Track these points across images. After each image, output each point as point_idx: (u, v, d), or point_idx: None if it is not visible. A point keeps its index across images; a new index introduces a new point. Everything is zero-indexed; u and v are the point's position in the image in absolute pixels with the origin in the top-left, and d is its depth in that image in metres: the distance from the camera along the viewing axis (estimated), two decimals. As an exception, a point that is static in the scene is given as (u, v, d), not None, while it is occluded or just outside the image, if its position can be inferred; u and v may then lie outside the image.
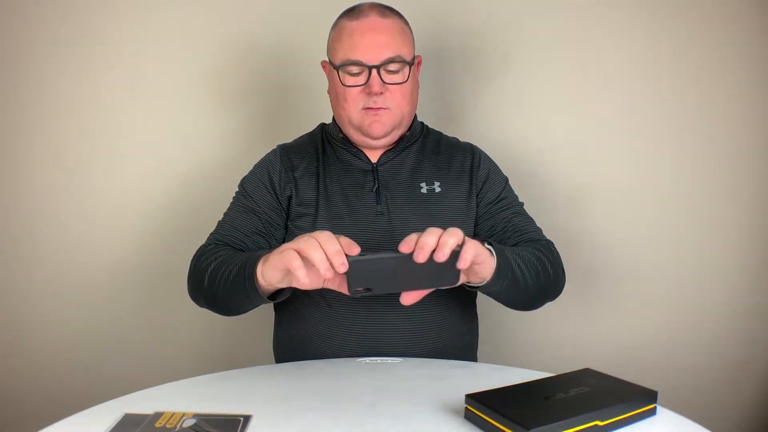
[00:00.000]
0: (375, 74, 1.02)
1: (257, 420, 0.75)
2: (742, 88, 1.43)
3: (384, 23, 1.04)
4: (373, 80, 1.02)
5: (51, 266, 1.57)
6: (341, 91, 1.06)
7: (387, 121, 1.06)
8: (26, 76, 1.52)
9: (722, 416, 1.49)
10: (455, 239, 0.78)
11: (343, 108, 1.07)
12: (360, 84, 1.04)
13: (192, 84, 1.53)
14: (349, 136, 1.11)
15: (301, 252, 0.77)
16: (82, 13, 1.50)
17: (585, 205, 1.50)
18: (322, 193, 1.09)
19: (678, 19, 1.43)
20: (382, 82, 1.03)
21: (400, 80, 1.05)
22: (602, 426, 0.70)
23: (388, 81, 1.04)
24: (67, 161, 1.54)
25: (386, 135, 1.08)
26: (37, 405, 1.58)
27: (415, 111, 1.14)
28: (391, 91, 1.04)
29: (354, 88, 1.04)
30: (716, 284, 1.48)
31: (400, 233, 1.06)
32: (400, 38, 1.05)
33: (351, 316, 1.06)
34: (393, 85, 1.04)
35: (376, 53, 1.02)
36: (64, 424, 0.74)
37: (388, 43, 1.03)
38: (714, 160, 1.46)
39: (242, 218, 1.09)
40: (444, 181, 1.12)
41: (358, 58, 1.02)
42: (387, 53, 1.02)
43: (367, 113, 1.06)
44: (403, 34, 1.06)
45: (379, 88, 1.02)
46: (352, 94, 1.05)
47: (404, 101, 1.07)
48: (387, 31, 1.03)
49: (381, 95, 1.04)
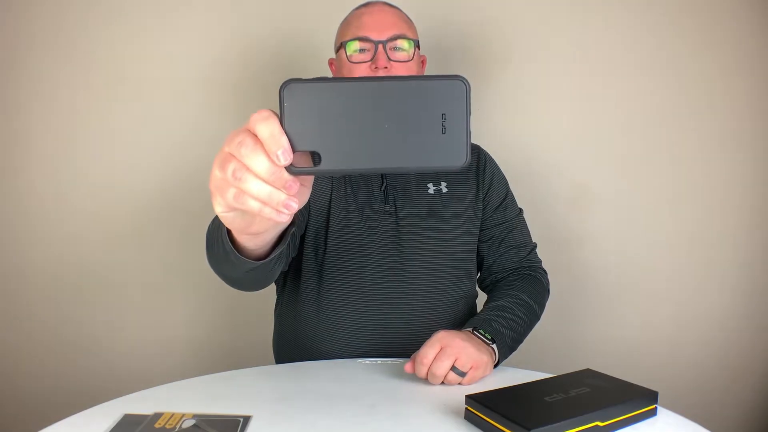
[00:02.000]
0: (381, 49, 1.04)
1: (257, 420, 0.75)
2: (743, 90, 1.43)
3: (392, 9, 1.10)
4: (379, 54, 1.05)
5: (51, 265, 1.57)
6: (347, 69, 1.08)
7: None
8: (25, 75, 1.52)
9: (722, 416, 1.50)
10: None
11: None
12: (367, 60, 1.06)
13: (192, 83, 1.53)
14: None
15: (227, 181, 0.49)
16: (82, 12, 1.50)
17: (585, 205, 1.50)
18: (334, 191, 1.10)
19: (679, 20, 1.43)
20: (387, 58, 1.05)
21: (406, 58, 1.07)
22: (603, 426, 0.70)
23: (394, 58, 1.06)
24: (67, 160, 1.54)
25: None
26: (37, 405, 1.58)
27: None
28: (396, 68, 1.06)
29: (360, 65, 1.06)
30: (716, 284, 1.48)
31: (408, 233, 1.08)
32: (405, 23, 1.09)
33: (351, 317, 1.06)
34: (398, 63, 1.06)
35: (383, 30, 1.05)
36: (63, 424, 0.74)
37: (394, 23, 1.07)
38: (714, 160, 1.46)
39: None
40: (451, 182, 1.13)
41: (366, 34, 1.05)
42: (393, 30, 1.06)
43: None
44: (409, 21, 1.11)
45: (384, 62, 1.04)
46: (358, 71, 1.06)
47: None
48: (394, 15, 1.09)
49: (386, 71, 1.05)
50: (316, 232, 1.08)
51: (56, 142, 1.54)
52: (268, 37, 1.52)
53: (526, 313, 1.06)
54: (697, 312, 1.49)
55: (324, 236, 1.08)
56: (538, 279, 1.15)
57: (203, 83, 1.53)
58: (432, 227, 1.09)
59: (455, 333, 0.91)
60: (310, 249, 1.09)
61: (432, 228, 1.09)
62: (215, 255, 0.79)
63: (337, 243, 1.07)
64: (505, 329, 1.00)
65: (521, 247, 1.16)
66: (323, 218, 1.08)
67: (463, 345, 0.88)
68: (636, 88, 1.46)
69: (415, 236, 1.08)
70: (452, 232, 1.10)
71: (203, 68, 1.53)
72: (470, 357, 0.87)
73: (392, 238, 1.07)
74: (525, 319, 1.05)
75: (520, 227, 1.18)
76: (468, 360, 0.87)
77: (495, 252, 1.16)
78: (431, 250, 1.08)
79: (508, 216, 1.17)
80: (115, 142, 1.54)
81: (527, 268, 1.16)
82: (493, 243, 1.16)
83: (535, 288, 1.12)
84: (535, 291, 1.11)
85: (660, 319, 1.50)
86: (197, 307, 1.59)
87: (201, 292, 1.57)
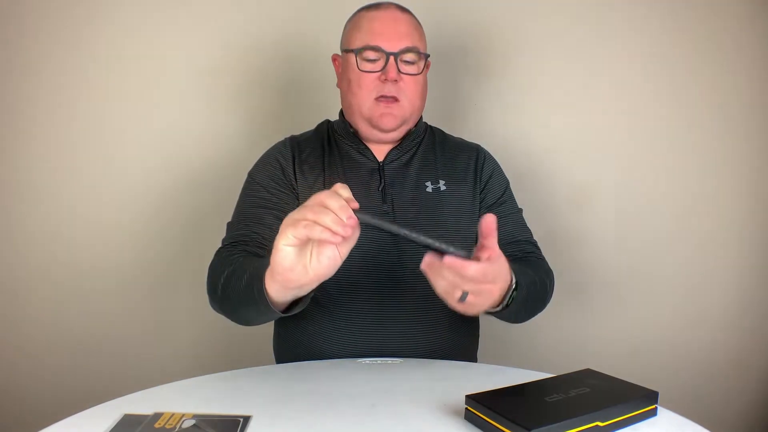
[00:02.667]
0: (392, 61, 1.04)
1: (257, 421, 0.74)
2: (743, 89, 1.43)
3: (404, 16, 1.07)
4: (390, 67, 1.04)
5: (51, 266, 1.57)
6: (356, 77, 1.06)
7: (398, 113, 1.07)
8: (25, 75, 1.52)
9: (722, 416, 1.50)
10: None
11: (356, 95, 1.07)
12: (376, 71, 1.05)
13: (194, 82, 1.53)
14: (358, 128, 1.10)
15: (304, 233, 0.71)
16: (82, 11, 1.50)
17: (585, 205, 1.50)
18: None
19: (679, 20, 1.43)
20: (398, 71, 1.04)
21: (415, 71, 1.06)
22: (603, 426, 0.70)
23: (404, 71, 1.05)
24: (67, 161, 1.54)
25: (395, 129, 1.08)
26: (36, 405, 1.58)
27: (423, 107, 1.15)
28: (405, 81, 1.06)
29: (370, 75, 1.05)
30: (716, 284, 1.48)
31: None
32: (417, 33, 1.08)
33: (351, 317, 1.06)
34: (408, 76, 1.05)
35: (396, 41, 1.04)
36: (63, 424, 0.74)
37: (407, 34, 1.05)
38: (714, 160, 1.46)
39: (255, 213, 1.05)
40: (449, 180, 1.12)
41: (378, 43, 1.04)
42: (406, 42, 1.05)
43: (378, 104, 1.06)
44: (420, 30, 1.10)
45: (395, 75, 1.04)
46: (367, 81, 1.05)
47: (416, 94, 1.08)
48: (407, 23, 1.07)
49: (395, 84, 1.05)
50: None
51: (55, 141, 1.54)
52: (270, 36, 1.52)
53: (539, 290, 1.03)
54: (698, 312, 1.49)
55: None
56: (551, 276, 1.12)
57: (205, 83, 1.53)
58: (430, 226, 1.08)
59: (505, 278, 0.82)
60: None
61: (430, 226, 1.07)
62: (235, 300, 0.88)
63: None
64: (525, 289, 0.93)
65: (522, 243, 1.15)
66: None
67: (495, 293, 0.81)
68: (636, 88, 1.46)
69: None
70: (451, 231, 1.09)
71: (205, 68, 1.53)
72: (484, 304, 0.81)
73: (391, 238, 1.06)
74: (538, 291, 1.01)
75: (520, 224, 1.18)
76: (481, 302, 0.80)
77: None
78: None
79: (505, 210, 1.15)
80: (115, 142, 1.54)
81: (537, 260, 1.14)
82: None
83: (549, 280, 1.10)
84: (550, 284, 1.10)
85: (660, 319, 1.50)
86: (197, 306, 1.59)
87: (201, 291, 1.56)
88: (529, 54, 1.48)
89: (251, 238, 1.02)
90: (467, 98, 1.52)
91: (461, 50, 1.50)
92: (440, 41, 1.49)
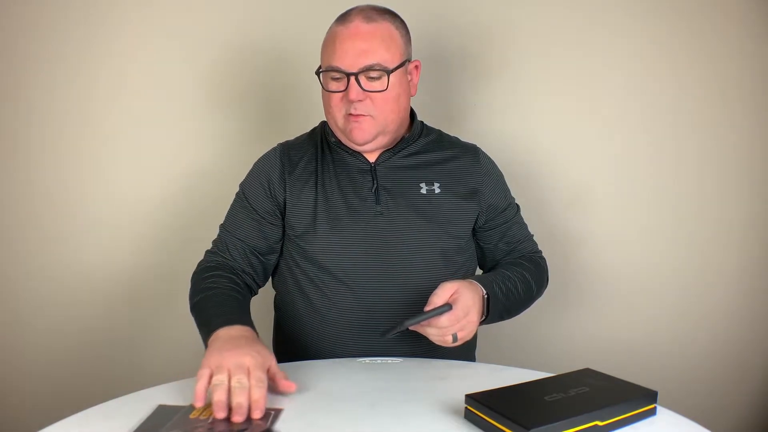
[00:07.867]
0: (353, 82, 1.01)
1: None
2: (742, 89, 1.43)
3: (367, 29, 1.01)
4: (351, 87, 1.01)
5: (51, 267, 1.57)
6: (326, 96, 1.06)
7: (368, 128, 1.05)
8: (25, 76, 1.52)
9: (722, 416, 1.49)
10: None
11: (329, 113, 1.08)
12: (341, 90, 1.03)
13: (191, 85, 1.53)
14: (340, 139, 1.11)
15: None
16: (82, 12, 1.50)
17: (584, 205, 1.50)
18: (320, 192, 1.09)
19: (678, 20, 1.43)
20: (361, 90, 1.01)
21: (380, 88, 1.02)
22: (602, 426, 0.70)
23: (369, 88, 1.02)
24: (66, 162, 1.54)
25: (368, 142, 1.07)
26: (37, 405, 1.58)
27: (406, 115, 1.12)
28: (372, 98, 1.03)
29: (336, 94, 1.04)
30: (716, 284, 1.48)
31: (399, 234, 1.07)
32: (383, 45, 1.02)
33: (351, 316, 1.06)
34: (374, 92, 1.03)
35: (354, 60, 1.00)
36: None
37: (367, 51, 1.00)
38: (713, 160, 1.46)
39: (242, 224, 1.11)
40: (444, 182, 1.11)
41: (337, 64, 1.02)
42: (365, 61, 1.00)
43: (348, 119, 1.05)
44: (389, 40, 1.03)
45: (356, 95, 1.01)
46: (334, 100, 1.05)
47: (387, 108, 1.05)
48: (368, 38, 1.01)
49: (361, 102, 1.02)
50: (305, 232, 1.08)
51: (54, 142, 1.54)
52: (268, 39, 1.52)
53: (525, 289, 1.10)
54: (697, 312, 1.49)
55: (313, 237, 1.07)
56: (540, 265, 1.18)
57: (203, 86, 1.53)
58: (424, 227, 1.07)
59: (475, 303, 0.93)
60: (301, 251, 1.09)
61: (424, 228, 1.07)
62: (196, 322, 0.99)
63: (328, 244, 1.06)
64: (502, 296, 1.03)
65: (522, 242, 1.19)
66: (311, 219, 1.07)
67: (475, 321, 0.93)
68: (636, 88, 1.46)
69: (406, 237, 1.06)
70: (444, 232, 1.08)
71: (203, 70, 1.53)
72: (472, 332, 0.93)
73: (384, 239, 1.06)
74: (522, 295, 1.09)
75: (518, 224, 1.19)
76: (469, 334, 0.93)
77: (494, 249, 1.17)
78: (423, 250, 1.07)
79: (506, 215, 1.16)
80: (113, 144, 1.54)
81: (529, 253, 1.20)
82: (491, 241, 1.16)
83: (537, 270, 1.15)
84: (537, 273, 1.15)
85: (660, 319, 1.50)
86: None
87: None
88: (528, 54, 1.48)
89: (234, 246, 1.10)
90: (466, 98, 1.52)
91: (459, 51, 1.50)
92: (439, 41, 1.49)
